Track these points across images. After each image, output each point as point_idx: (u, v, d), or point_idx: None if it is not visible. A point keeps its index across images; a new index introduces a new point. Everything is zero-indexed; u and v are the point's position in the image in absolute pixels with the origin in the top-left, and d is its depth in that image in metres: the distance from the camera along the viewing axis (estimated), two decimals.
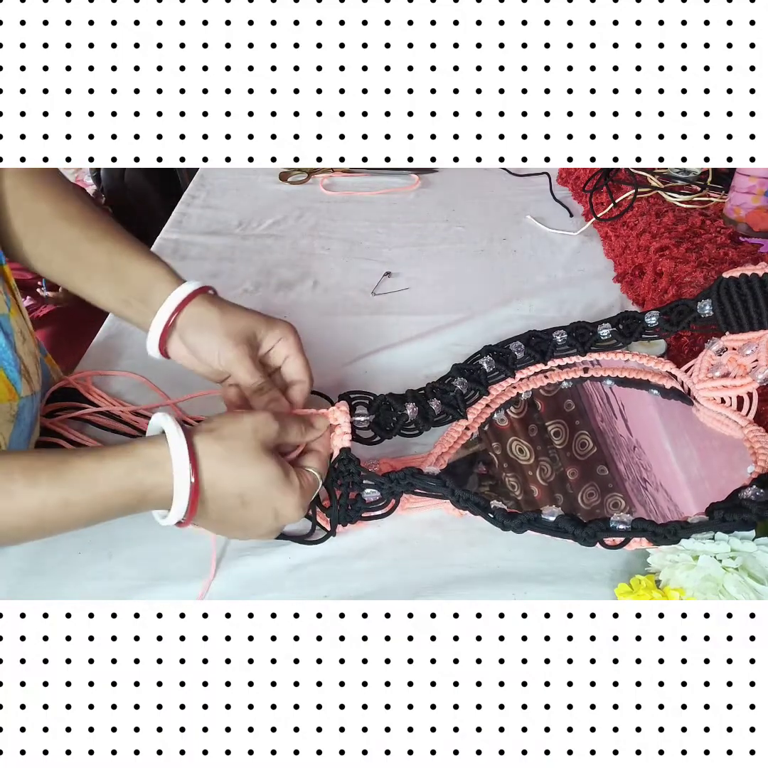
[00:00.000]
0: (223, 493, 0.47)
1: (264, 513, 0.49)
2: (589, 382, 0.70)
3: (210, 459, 0.46)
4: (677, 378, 0.69)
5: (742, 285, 0.63)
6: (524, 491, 0.61)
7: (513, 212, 1.10)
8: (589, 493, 0.61)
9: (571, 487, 0.62)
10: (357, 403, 0.66)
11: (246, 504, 0.48)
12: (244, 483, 0.47)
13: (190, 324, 0.57)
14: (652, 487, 0.61)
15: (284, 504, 0.49)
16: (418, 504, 0.60)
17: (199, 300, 0.58)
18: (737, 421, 0.63)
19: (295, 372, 0.60)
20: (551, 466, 0.64)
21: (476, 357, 0.71)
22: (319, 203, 1.14)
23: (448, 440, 0.65)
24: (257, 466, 0.48)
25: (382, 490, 0.56)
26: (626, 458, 0.63)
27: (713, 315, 0.65)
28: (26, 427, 0.61)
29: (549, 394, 0.70)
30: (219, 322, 0.57)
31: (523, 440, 0.66)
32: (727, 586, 0.48)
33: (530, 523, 0.52)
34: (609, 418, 0.67)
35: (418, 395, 0.68)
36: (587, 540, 0.51)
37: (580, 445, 0.65)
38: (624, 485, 0.61)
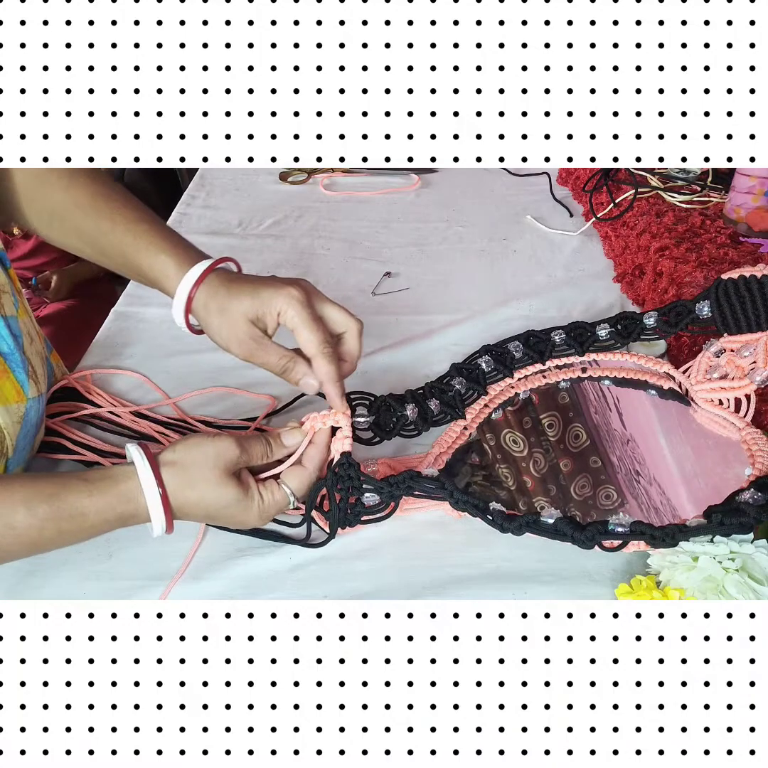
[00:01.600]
0: (191, 513, 0.53)
1: (230, 523, 0.56)
2: (587, 382, 0.70)
3: (176, 489, 0.51)
4: (675, 379, 0.69)
5: (741, 287, 0.63)
6: (517, 482, 0.62)
7: (513, 212, 1.10)
8: (582, 485, 0.61)
9: (563, 479, 0.62)
10: (357, 404, 0.66)
11: (213, 518, 0.54)
12: (207, 505, 0.52)
13: (200, 317, 0.58)
14: (645, 481, 0.61)
15: (245, 519, 0.54)
16: (417, 505, 0.60)
17: (202, 291, 0.57)
18: (735, 423, 0.62)
19: (303, 345, 0.55)
20: (544, 458, 0.64)
21: (475, 357, 0.71)
22: (319, 203, 1.14)
23: (446, 440, 0.65)
24: (216, 491, 0.52)
25: (382, 494, 0.56)
26: (619, 451, 0.63)
27: (711, 316, 0.65)
28: (32, 427, 0.61)
29: (544, 387, 0.70)
30: (218, 319, 0.57)
31: (517, 432, 0.66)
32: (727, 586, 0.48)
33: (529, 525, 0.52)
34: (603, 411, 0.67)
35: (417, 395, 0.68)
36: (586, 543, 0.51)
37: (574, 437, 0.65)
38: (616, 477, 0.61)
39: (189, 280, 0.57)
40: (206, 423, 0.71)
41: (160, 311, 0.87)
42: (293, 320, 0.55)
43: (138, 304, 0.90)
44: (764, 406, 0.64)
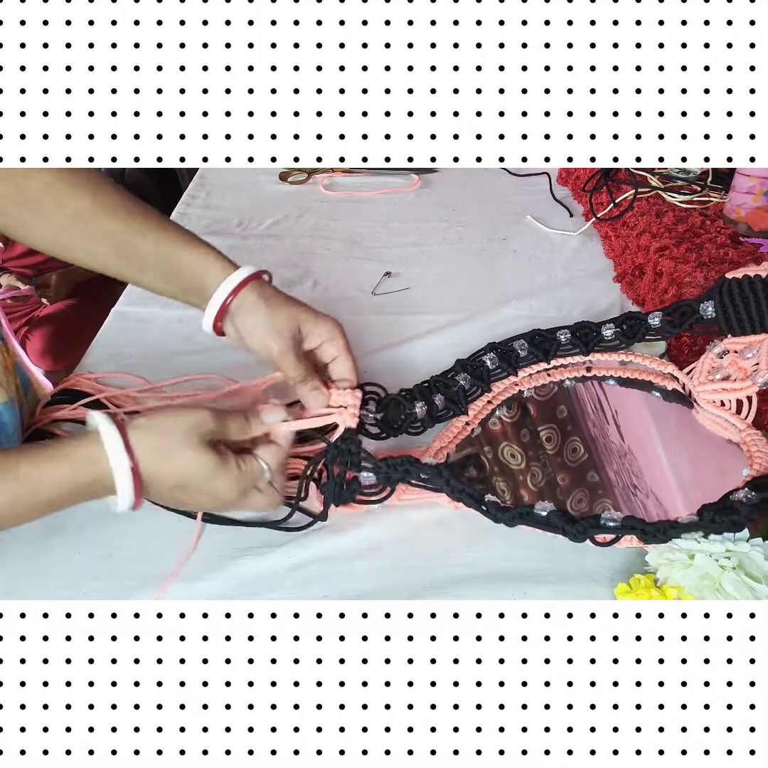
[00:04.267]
0: (162, 484, 0.50)
1: (203, 497, 0.52)
2: (590, 383, 0.70)
3: (145, 449, 0.49)
4: (679, 380, 0.69)
5: (745, 286, 0.63)
6: (514, 496, 0.62)
7: (513, 212, 1.10)
8: (579, 499, 0.61)
9: (561, 493, 0.62)
10: (369, 398, 0.66)
11: (185, 490, 0.51)
12: (181, 474, 0.50)
13: (239, 314, 0.58)
14: (642, 494, 0.61)
15: (220, 491, 0.52)
16: (413, 496, 0.60)
17: (249, 288, 0.58)
18: (736, 425, 0.62)
19: (343, 372, 0.61)
20: (542, 472, 0.64)
21: (480, 354, 0.71)
22: (319, 203, 1.14)
23: (447, 435, 0.66)
24: (193, 459, 0.50)
25: (379, 474, 0.56)
26: (617, 465, 0.63)
27: (715, 317, 0.65)
28: (13, 431, 0.61)
29: (543, 398, 0.70)
30: (265, 314, 0.58)
31: (515, 445, 0.66)
32: (724, 584, 0.48)
33: (522, 517, 0.52)
34: (601, 423, 0.67)
35: (423, 390, 0.68)
36: (577, 536, 0.51)
37: (572, 450, 0.65)
38: (613, 492, 0.61)
39: (236, 277, 0.58)
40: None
41: (161, 311, 0.87)
42: (342, 348, 0.60)
43: (138, 304, 0.89)
44: (765, 405, 0.64)
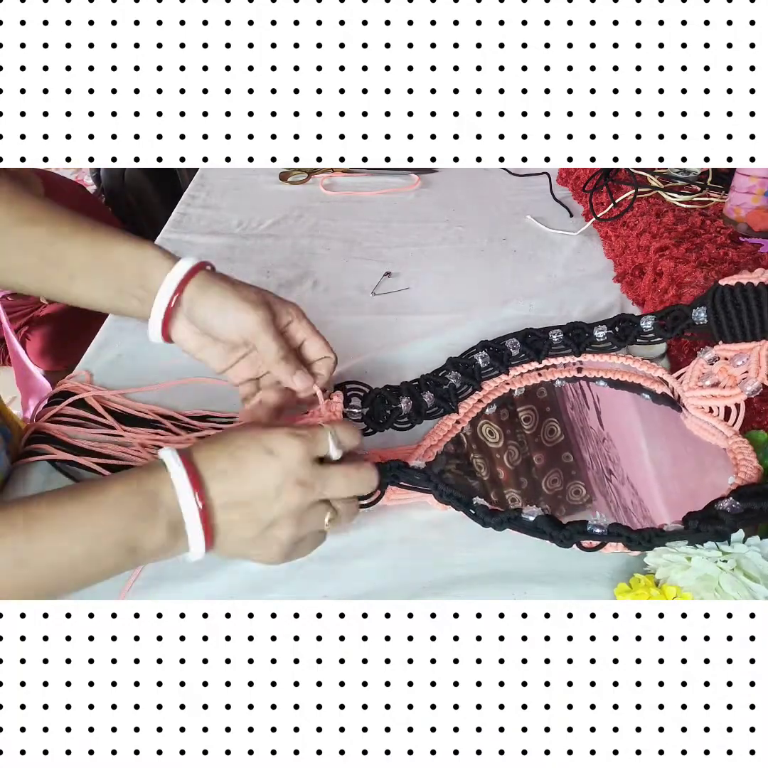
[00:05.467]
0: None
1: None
2: (580, 382, 0.70)
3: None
4: (668, 384, 0.69)
5: (737, 294, 0.62)
6: (490, 473, 0.62)
7: (513, 212, 1.10)
8: (553, 479, 0.62)
9: (536, 473, 0.62)
10: (352, 394, 0.66)
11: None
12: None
13: (198, 297, 0.54)
14: (617, 480, 0.61)
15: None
16: (403, 496, 0.59)
17: (202, 275, 0.54)
18: (723, 432, 0.62)
19: (318, 351, 0.58)
20: (519, 451, 0.64)
21: (471, 352, 0.72)
22: (319, 203, 1.14)
23: (438, 433, 0.66)
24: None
25: None
26: (593, 448, 0.64)
27: (707, 323, 0.64)
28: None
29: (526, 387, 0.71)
30: (231, 290, 0.54)
31: (494, 423, 0.66)
32: (722, 584, 0.48)
33: (510, 521, 0.52)
34: (580, 407, 0.68)
35: (412, 387, 0.68)
36: (564, 542, 0.51)
37: (549, 431, 0.66)
38: (587, 474, 0.62)
39: (184, 265, 0.54)
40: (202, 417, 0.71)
41: None
42: (308, 328, 0.58)
43: None
44: (764, 406, 0.64)
